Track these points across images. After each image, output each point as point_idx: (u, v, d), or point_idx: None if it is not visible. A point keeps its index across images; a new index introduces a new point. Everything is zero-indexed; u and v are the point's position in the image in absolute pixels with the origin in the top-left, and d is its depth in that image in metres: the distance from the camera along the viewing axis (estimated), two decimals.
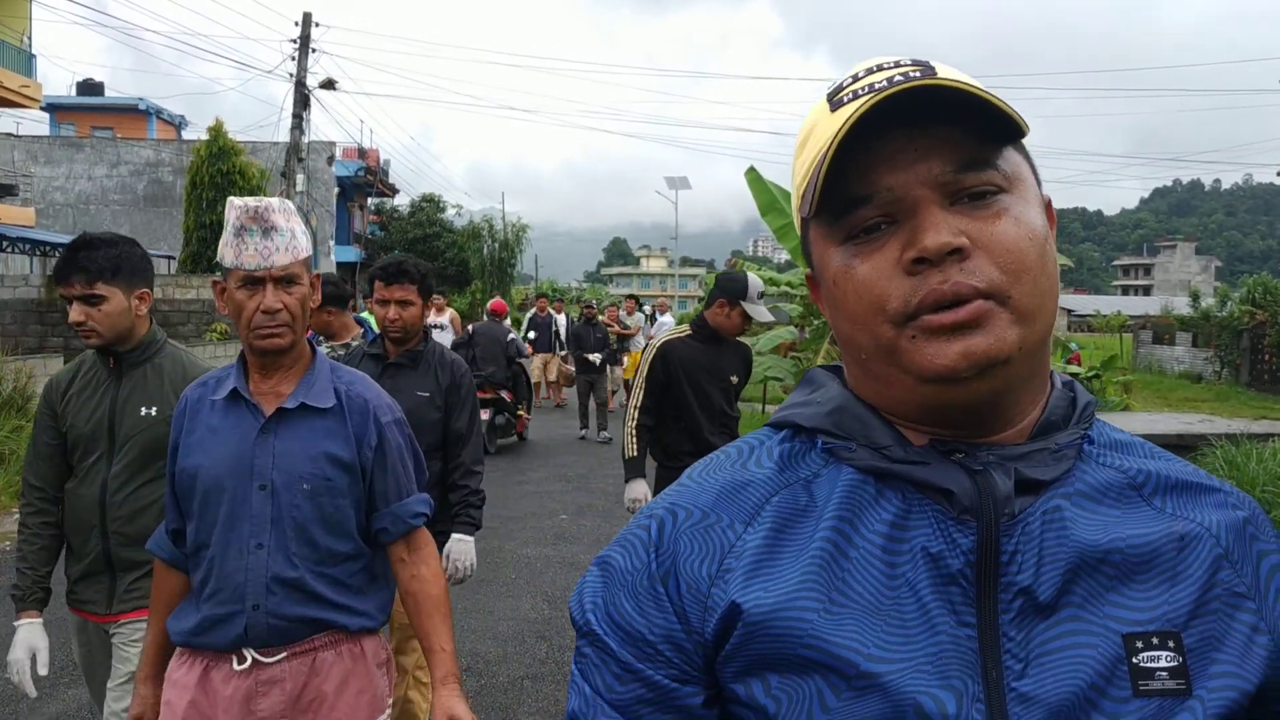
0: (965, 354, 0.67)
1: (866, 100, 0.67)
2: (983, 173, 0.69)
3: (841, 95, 0.73)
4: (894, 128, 0.68)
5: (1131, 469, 0.75)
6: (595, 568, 0.77)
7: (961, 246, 0.67)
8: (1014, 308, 0.68)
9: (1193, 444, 10.75)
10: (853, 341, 0.74)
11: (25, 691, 2.53)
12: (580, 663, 0.75)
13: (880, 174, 0.69)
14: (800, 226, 0.79)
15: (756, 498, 0.74)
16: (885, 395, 0.74)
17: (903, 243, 0.69)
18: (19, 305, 17.27)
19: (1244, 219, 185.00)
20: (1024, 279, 0.68)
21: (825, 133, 0.71)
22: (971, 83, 0.67)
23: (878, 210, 0.69)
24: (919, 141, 0.68)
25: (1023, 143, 0.73)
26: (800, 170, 0.76)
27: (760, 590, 0.69)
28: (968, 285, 0.67)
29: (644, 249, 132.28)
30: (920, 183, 0.68)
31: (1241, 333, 20.23)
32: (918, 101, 0.67)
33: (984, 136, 0.69)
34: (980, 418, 0.71)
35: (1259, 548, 0.73)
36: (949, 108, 0.67)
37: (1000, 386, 0.69)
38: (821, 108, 0.75)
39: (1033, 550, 0.68)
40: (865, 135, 0.67)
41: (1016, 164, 0.72)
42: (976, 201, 0.69)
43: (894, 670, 0.65)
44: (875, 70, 0.73)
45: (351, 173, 32.54)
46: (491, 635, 4.85)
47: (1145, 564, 0.69)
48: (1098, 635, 0.67)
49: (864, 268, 0.70)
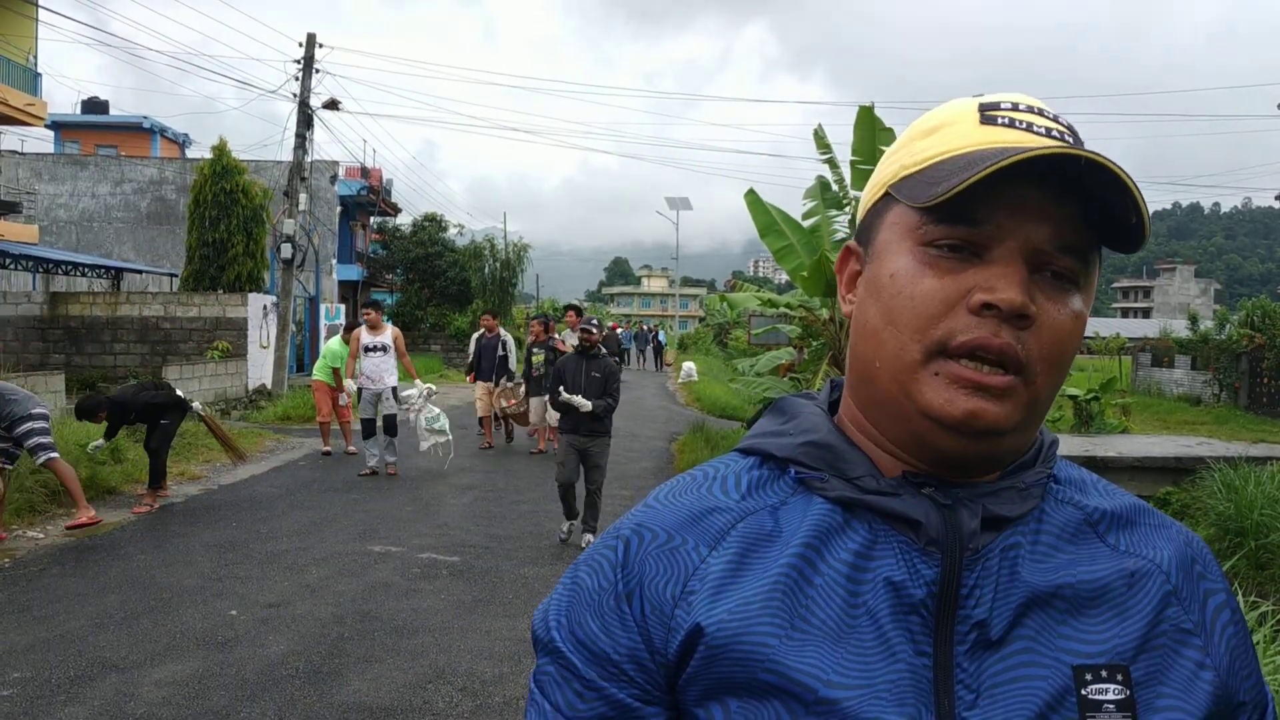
0: (975, 415, 0.68)
1: (1042, 149, 0.66)
2: (1075, 262, 0.70)
3: (996, 114, 0.72)
4: (1032, 179, 0.67)
5: (1089, 506, 0.77)
6: (563, 586, 0.77)
7: (1030, 315, 0.68)
8: (1034, 393, 0.70)
9: (1191, 467, 10.75)
10: (876, 340, 0.73)
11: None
12: (540, 679, 0.75)
13: (997, 210, 0.68)
14: (875, 200, 0.77)
15: (722, 523, 0.75)
16: (878, 408, 0.75)
17: (978, 280, 0.69)
18: (21, 322, 17.30)
19: (1243, 242, 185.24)
20: (1054, 373, 0.71)
21: (966, 138, 0.71)
22: (1138, 191, 0.68)
23: (974, 238, 0.69)
24: (1046, 205, 0.68)
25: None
26: (918, 155, 0.73)
27: (723, 613, 0.70)
28: (1013, 353, 0.68)
29: (645, 269, 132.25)
30: (1025, 238, 0.68)
31: (1240, 356, 20.23)
32: (1067, 172, 0.67)
33: (1092, 232, 0.70)
34: (959, 467, 0.73)
35: (1206, 586, 0.76)
36: (1087, 194, 0.68)
37: (989, 452, 0.71)
38: (966, 111, 0.74)
39: (990, 585, 0.70)
40: (1005, 171, 0.66)
41: (1094, 268, 0.73)
42: (1055, 281, 0.70)
43: (852, 696, 0.66)
44: (1037, 113, 0.72)
45: (354, 192, 32.64)
46: (488, 655, 4.85)
47: (1096, 599, 0.71)
48: (1048, 667, 0.68)
49: (931, 282, 0.70)
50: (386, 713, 4.12)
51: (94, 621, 5.18)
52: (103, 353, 17.41)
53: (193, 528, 7.53)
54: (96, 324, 17.63)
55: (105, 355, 17.35)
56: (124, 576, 6.08)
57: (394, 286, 35.88)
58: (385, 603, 5.65)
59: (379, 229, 38.45)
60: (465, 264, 33.06)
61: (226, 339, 17.30)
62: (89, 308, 17.76)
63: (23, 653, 4.69)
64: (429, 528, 7.68)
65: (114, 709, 4.07)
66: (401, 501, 8.74)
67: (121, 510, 8.09)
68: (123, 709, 4.07)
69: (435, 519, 8.02)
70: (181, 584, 5.93)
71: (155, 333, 17.61)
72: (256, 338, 17.69)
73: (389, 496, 8.96)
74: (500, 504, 8.71)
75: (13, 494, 7.45)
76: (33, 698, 4.17)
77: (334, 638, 5.02)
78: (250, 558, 6.61)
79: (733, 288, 18.96)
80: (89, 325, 17.61)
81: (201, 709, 4.09)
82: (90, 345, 17.48)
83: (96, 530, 7.36)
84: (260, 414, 15.35)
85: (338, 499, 8.75)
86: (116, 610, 5.38)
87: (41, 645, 4.80)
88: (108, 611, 5.35)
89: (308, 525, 7.66)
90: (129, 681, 4.37)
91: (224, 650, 4.79)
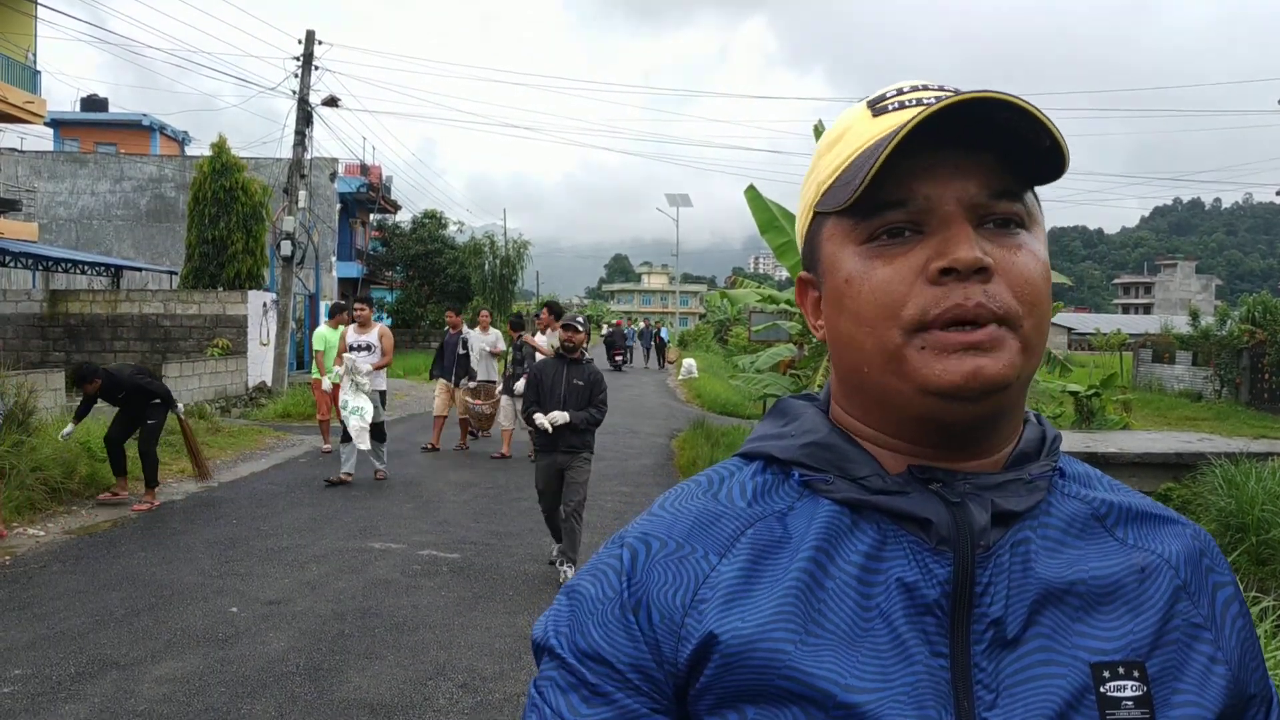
0: (975, 374, 0.68)
1: (924, 110, 0.67)
2: (1012, 204, 0.71)
3: (885, 104, 0.73)
4: (938, 143, 0.69)
5: (1095, 500, 0.77)
6: (563, 596, 0.76)
7: (988, 266, 0.68)
8: (1023, 337, 0.69)
9: (1192, 463, 10.75)
10: (855, 345, 0.73)
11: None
12: (542, 685, 0.73)
13: (918, 183, 0.69)
14: (807, 225, 0.79)
15: (731, 530, 0.74)
16: (876, 408, 0.74)
17: (930, 253, 0.69)
18: (21, 320, 17.31)
19: (1244, 238, 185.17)
20: (1035, 312, 0.70)
21: (864, 134, 0.72)
22: (1039, 110, 0.68)
23: (908, 216, 0.70)
24: (960, 160, 0.70)
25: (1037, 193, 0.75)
26: (827, 168, 0.75)
27: (737, 621, 0.69)
28: (988, 309, 0.68)
29: (645, 265, 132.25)
30: (955, 198, 0.69)
31: (1241, 351, 20.23)
32: (970, 122, 0.68)
33: (1019, 170, 0.71)
34: (968, 440, 0.73)
35: (1214, 579, 0.76)
36: (997, 136, 0.69)
37: (996, 410, 0.71)
38: (859, 113, 0.76)
39: (1003, 581, 0.70)
40: (909, 145, 0.68)
41: (1035, 206, 0.74)
42: (1001, 230, 0.71)
43: (871, 700, 0.66)
44: (921, 89, 0.74)
45: (354, 189, 32.63)
46: (488, 652, 4.85)
47: (1109, 595, 0.71)
48: (1066, 665, 0.68)
49: (885, 270, 0.70)
50: (387, 709, 4.12)
51: (94, 619, 5.18)
52: (103, 350, 17.41)
53: (193, 525, 7.53)
54: (96, 322, 17.64)
55: (105, 353, 17.34)
56: (124, 574, 6.08)
57: (394, 284, 35.89)
58: (386, 599, 5.65)
59: (379, 226, 38.45)
60: (465, 261, 33.08)
61: (226, 336, 17.30)
62: (89, 306, 17.77)
63: (23, 650, 4.69)
64: (429, 525, 7.68)
65: (114, 706, 4.07)
66: (402, 499, 8.74)
67: (122, 508, 8.09)
68: (123, 706, 4.07)
69: (436, 516, 8.02)
70: (182, 581, 5.93)
71: (155, 330, 17.61)
72: (256, 335, 17.69)
73: (389, 494, 8.96)
74: (501, 501, 8.71)
75: (13, 491, 7.45)
76: (33, 695, 4.17)
77: (334, 634, 5.01)
78: (250, 555, 6.61)
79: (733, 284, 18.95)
80: (89, 323, 17.62)
81: (202, 706, 4.09)
82: (90, 343, 17.49)
83: (97, 528, 7.37)
84: (260, 411, 15.36)
85: (338, 496, 8.74)
86: (117, 607, 5.38)
87: (42, 642, 4.80)
88: (108, 609, 5.35)
89: (308, 522, 7.66)
90: (129, 678, 4.37)
91: (224, 647, 4.79)
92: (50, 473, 8.03)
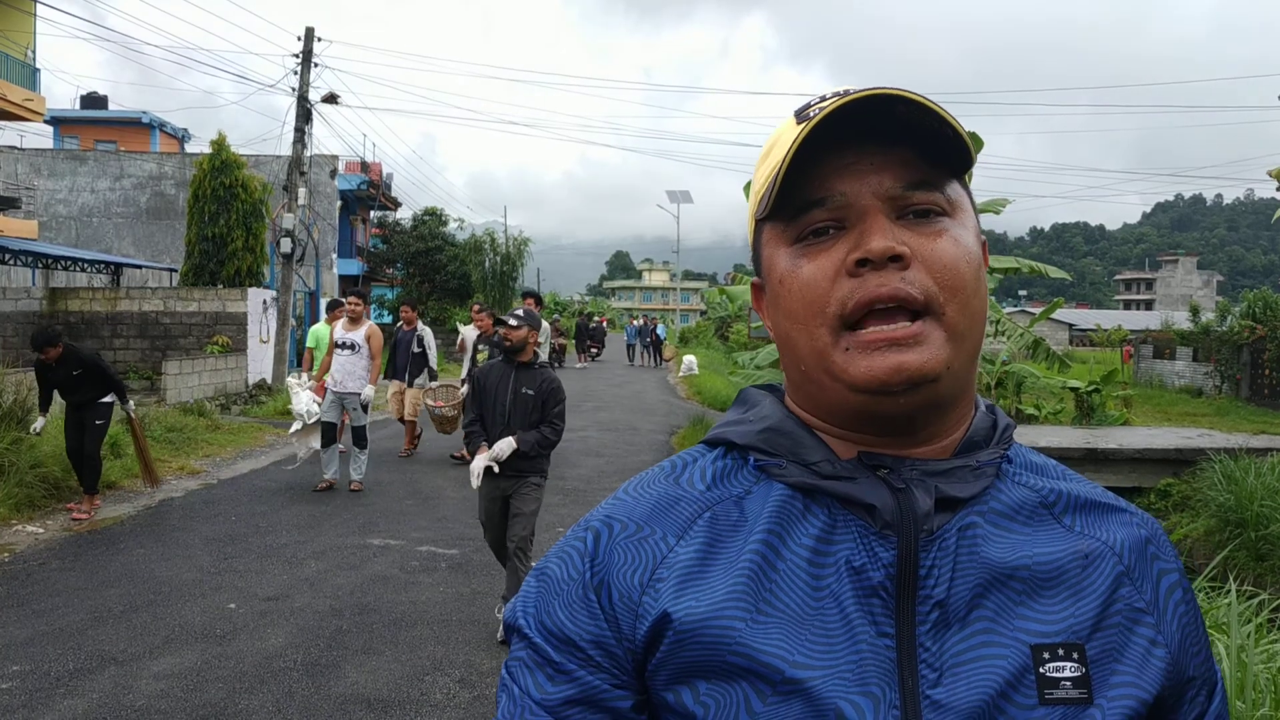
0: (898, 369, 0.70)
1: (831, 103, 0.71)
2: (929, 194, 0.74)
3: (809, 111, 0.76)
4: (852, 141, 0.73)
5: (1044, 488, 0.79)
6: (532, 578, 0.80)
7: (903, 254, 0.71)
8: (947, 325, 0.72)
9: (1192, 458, 10.73)
10: (791, 343, 0.76)
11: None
12: (511, 665, 0.77)
13: (835, 181, 0.73)
14: (753, 232, 0.83)
15: (689, 512, 0.77)
16: (818, 401, 0.77)
17: (849, 246, 0.73)
18: (20, 318, 17.31)
19: (1245, 234, 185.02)
20: (958, 297, 0.72)
21: (789, 143, 0.75)
22: (934, 103, 0.71)
23: (829, 214, 0.73)
24: (874, 157, 0.73)
25: (968, 181, 0.78)
26: (761, 177, 0.79)
27: (691, 600, 0.72)
28: (904, 291, 0.71)
29: (646, 262, 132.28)
30: (871, 193, 0.72)
31: (1241, 347, 20.23)
32: (878, 119, 0.71)
33: (934, 161, 0.74)
34: (909, 429, 0.75)
35: (1159, 566, 0.78)
36: (906, 131, 0.72)
37: (928, 402, 0.73)
38: (787, 121, 0.79)
39: (948, 564, 0.72)
40: (826, 144, 0.72)
41: (959, 194, 0.77)
42: (920, 219, 0.74)
43: (817, 677, 0.69)
44: (844, 95, 0.76)
45: (354, 186, 32.63)
46: (485, 647, 4.85)
47: (1052, 579, 0.73)
48: (1008, 646, 0.70)
49: (809, 267, 0.74)
50: (384, 704, 4.13)
51: (93, 615, 5.19)
52: (103, 348, 17.40)
53: (191, 522, 7.54)
54: (96, 319, 17.65)
55: (105, 350, 17.34)
56: (123, 570, 6.08)
57: (394, 281, 35.88)
58: (384, 595, 5.66)
59: (379, 223, 38.44)
60: (466, 258, 33.04)
61: (226, 334, 17.31)
62: (89, 303, 17.77)
63: (22, 646, 4.70)
64: (428, 521, 7.69)
65: (113, 702, 4.08)
66: (400, 495, 8.74)
67: (122, 505, 8.10)
68: (121, 701, 4.08)
69: (434, 513, 8.03)
70: (180, 578, 5.94)
71: (155, 328, 17.62)
72: (256, 332, 17.70)
73: (388, 491, 8.97)
74: None
75: (11, 489, 7.46)
76: (32, 690, 4.18)
77: (332, 630, 5.02)
78: (249, 551, 6.62)
79: (733, 281, 18.96)
80: (89, 321, 17.62)
81: (200, 701, 4.09)
82: (90, 340, 17.46)
83: (96, 524, 7.37)
84: (260, 409, 15.37)
85: (336, 494, 8.75)
86: (115, 604, 5.39)
87: (40, 639, 4.81)
88: (106, 605, 5.36)
89: (306, 519, 7.67)
90: (128, 674, 4.37)
91: (222, 643, 4.80)
92: (50, 469, 8.04)
